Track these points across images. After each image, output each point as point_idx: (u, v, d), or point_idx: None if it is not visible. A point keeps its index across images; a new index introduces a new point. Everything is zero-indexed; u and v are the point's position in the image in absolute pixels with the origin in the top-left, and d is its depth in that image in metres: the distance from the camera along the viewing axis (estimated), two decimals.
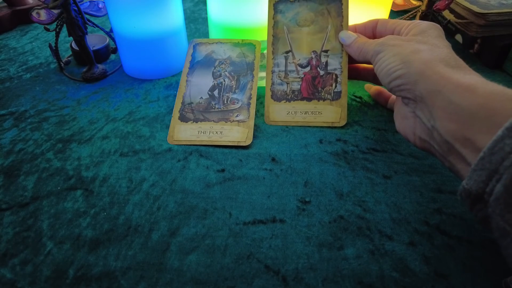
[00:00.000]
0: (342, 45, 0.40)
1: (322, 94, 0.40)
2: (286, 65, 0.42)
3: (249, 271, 0.27)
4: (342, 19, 0.41)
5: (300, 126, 0.40)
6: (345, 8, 0.41)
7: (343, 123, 0.39)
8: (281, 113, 0.41)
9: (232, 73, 0.43)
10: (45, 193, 0.33)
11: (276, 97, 0.41)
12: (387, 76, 0.31)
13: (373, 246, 0.28)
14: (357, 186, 0.33)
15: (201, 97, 0.41)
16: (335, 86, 0.40)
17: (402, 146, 0.38)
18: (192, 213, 0.31)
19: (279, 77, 0.42)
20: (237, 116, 0.40)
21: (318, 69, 0.41)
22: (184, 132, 0.39)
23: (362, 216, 0.31)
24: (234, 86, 0.42)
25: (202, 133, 0.39)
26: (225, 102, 0.41)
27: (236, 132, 0.38)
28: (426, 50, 0.29)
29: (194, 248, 0.28)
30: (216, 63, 0.44)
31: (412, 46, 0.30)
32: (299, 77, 0.41)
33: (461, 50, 0.57)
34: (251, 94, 0.41)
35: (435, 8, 0.48)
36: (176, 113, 0.40)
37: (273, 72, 0.42)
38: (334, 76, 0.40)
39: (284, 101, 0.41)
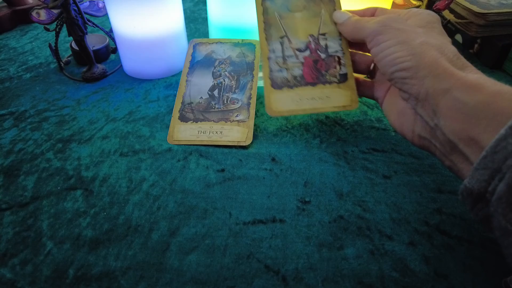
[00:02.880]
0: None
1: (327, 77, 0.37)
2: (283, 51, 0.38)
3: (249, 271, 0.27)
4: (334, 5, 0.38)
5: (309, 114, 0.36)
6: None
7: (355, 106, 0.36)
8: (285, 101, 0.37)
9: (232, 73, 0.43)
10: (45, 193, 0.33)
11: (277, 85, 0.37)
12: (391, 66, 0.29)
13: (373, 246, 0.28)
14: (357, 186, 0.33)
15: (201, 97, 0.41)
16: (340, 68, 0.37)
17: (402, 146, 0.38)
18: (192, 213, 0.31)
19: (277, 63, 0.38)
20: (237, 116, 0.40)
21: (319, 52, 0.38)
22: (184, 132, 0.39)
23: (362, 216, 0.31)
24: (234, 86, 0.42)
25: (202, 133, 0.39)
26: (225, 102, 0.41)
27: (236, 132, 0.38)
28: (437, 45, 0.28)
29: (194, 248, 0.28)
30: (216, 63, 0.44)
31: (421, 38, 0.28)
32: (299, 62, 0.38)
33: (461, 50, 0.57)
34: (251, 94, 0.41)
35: (435, 8, 0.48)
36: (176, 113, 0.40)
37: (269, 58, 0.38)
38: (337, 58, 0.38)
39: (286, 88, 0.37)
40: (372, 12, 0.36)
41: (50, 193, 0.33)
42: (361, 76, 0.40)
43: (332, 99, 0.37)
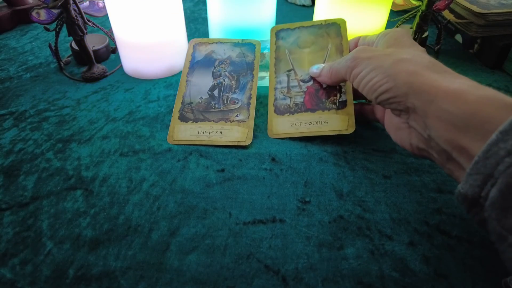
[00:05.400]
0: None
1: (327, 105, 0.39)
2: (288, 82, 0.41)
3: (249, 271, 0.27)
4: (341, 39, 0.42)
5: (306, 136, 0.39)
6: (344, 30, 0.42)
7: (351, 130, 0.37)
8: (284, 125, 0.39)
9: (232, 73, 0.43)
10: (45, 193, 0.33)
11: (279, 111, 0.40)
12: (373, 92, 0.30)
13: (373, 246, 0.28)
14: (357, 186, 0.33)
15: (201, 97, 0.41)
16: (340, 96, 0.39)
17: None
18: (192, 213, 0.31)
19: (282, 92, 0.41)
20: (237, 116, 0.40)
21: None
22: (184, 132, 0.39)
23: (362, 216, 0.31)
24: (234, 86, 0.42)
25: (202, 133, 0.39)
26: (225, 102, 0.41)
27: (236, 132, 0.38)
28: (409, 59, 0.28)
29: (194, 248, 0.28)
30: (216, 63, 0.44)
31: (392, 57, 0.29)
32: (302, 91, 0.40)
33: (461, 50, 0.57)
34: (251, 94, 0.41)
35: (435, 8, 0.48)
36: (176, 113, 0.40)
37: (275, 89, 0.41)
38: (337, 87, 0.40)
39: (288, 114, 0.40)
40: (355, 42, 0.40)
41: (50, 193, 0.33)
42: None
43: (329, 123, 0.38)
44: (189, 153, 0.37)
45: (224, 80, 0.43)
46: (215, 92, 0.42)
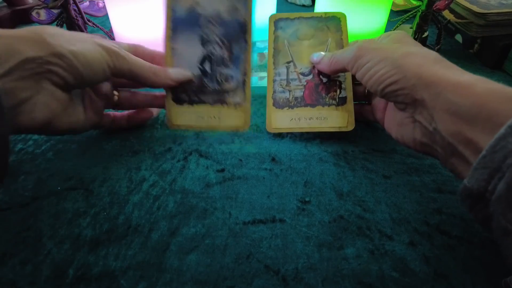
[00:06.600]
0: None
1: (327, 100, 0.39)
2: (287, 74, 0.41)
3: (249, 271, 0.27)
4: (341, 34, 0.42)
5: (306, 132, 0.39)
6: (344, 24, 0.42)
7: (350, 128, 0.38)
8: (284, 120, 0.39)
9: (223, 38, 0.37)
10: (45, 193, 0.33)
11: (278, 105, 0.39)
12: (379, 84, 0.29)
13: (373, 246, 0.28)
14: (357, 186, 0.33)
15: (192, 74, 0.38)
16: (340, 92, 0.39)
17: (402, 146, 0.38)
18: (192, 213, 0.31)
19: (281, 85, 0.40)
20: (233, 98, 0.38)
21: (321, 76, 0.40)
22: (182, 116, 0.37)
23: (362, 216, 0.31)
24: (226, 57, 0.38)
25: (200, 118, 0.37)
26: (219, 80, 0.37)
27: (234, 118, 0.37)
28: (417, 53, 0.28)
29: (194, 248, 0.28)
30: (202, 21, 0.37)
31: (400, 50, 0.29)
32: (301, 85, 0.40)
33: (461, 50, 0.57)
34: (245, 69, 0.38)
35: (435, 8, 0.48)
36: (169, 94, 0.37)
37: (274, 81, 0.41)
38: (337, 83, 0.40)
39: (287, 108, 0.39)
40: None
41: (50, 193, 0.33)
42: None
43: (329, 120, 0.39)
44: (189, 153, 0.37)
45: (215, 49, 0.37)
46: (207, 66, 0.38)
